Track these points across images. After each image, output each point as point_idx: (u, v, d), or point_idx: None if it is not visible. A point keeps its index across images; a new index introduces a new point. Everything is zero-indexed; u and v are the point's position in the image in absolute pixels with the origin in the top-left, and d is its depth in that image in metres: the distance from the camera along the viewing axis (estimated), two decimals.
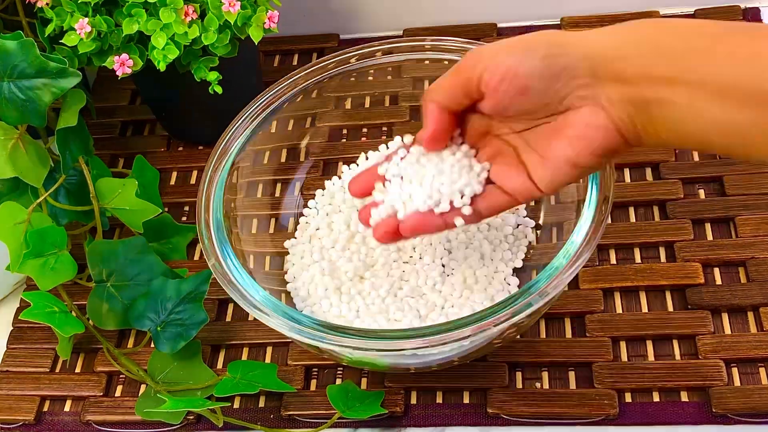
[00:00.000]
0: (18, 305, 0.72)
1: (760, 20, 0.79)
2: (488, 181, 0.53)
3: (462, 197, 0.52)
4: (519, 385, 0.61)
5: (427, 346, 0.50)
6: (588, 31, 0.46)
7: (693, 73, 0.42)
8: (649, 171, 0.70)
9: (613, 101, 0.45)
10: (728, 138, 0.42)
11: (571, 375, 0.60)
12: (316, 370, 0.64)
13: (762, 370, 0.59)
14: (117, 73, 0.65)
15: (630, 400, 0.59)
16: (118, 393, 0.65)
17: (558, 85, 0.46)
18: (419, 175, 0.53)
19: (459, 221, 0.52)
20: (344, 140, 0.72)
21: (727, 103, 0.41)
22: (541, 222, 0.65)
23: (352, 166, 0.70)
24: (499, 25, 0.85)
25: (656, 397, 0.59)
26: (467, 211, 0.52)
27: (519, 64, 0.46)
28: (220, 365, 0.65)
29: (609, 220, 0.62)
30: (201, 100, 0.73)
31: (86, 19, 0.64)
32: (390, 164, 0.55)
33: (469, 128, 0.53)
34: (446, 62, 0.65)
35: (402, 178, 0.54)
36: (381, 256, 0.63)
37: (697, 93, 0.42)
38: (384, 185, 0.55)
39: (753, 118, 0.41)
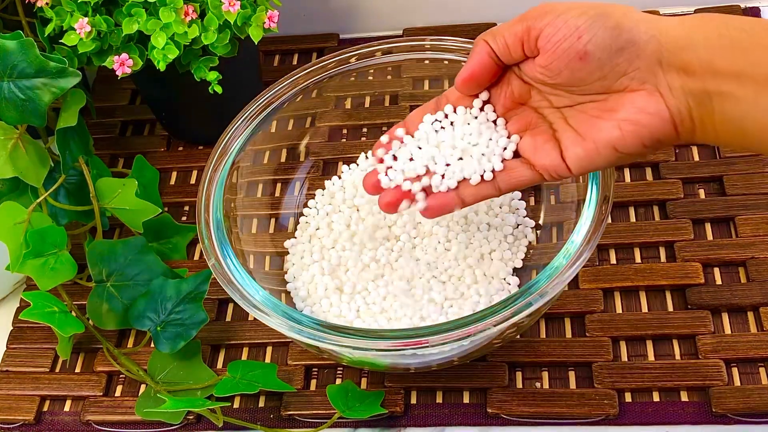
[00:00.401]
0: (18, 305, 0.72)
1: None
2: (515, 153, 0.51)
3: (483, 174, 0.51)
4: (519, 385, 0.61)
5: (427, 346, 0.50)
6: (658, 16, 0.45)
7: (761, 68, 0.41)
8: (649, 171, 0.70)
9: (673, 91, 0.44)
10: None
11: (571, 375, 0.60)
12: (316, 370, 0.64)
13: (762, 370, 0.59)
14: (117, 72, 0.65)
15: (630, 400, 0.59)
16: (118, 393, 0.65)
17: (619, 60, 0.44)
18: (440, 150, 0.52)
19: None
20: (344, 140, 0.72)
21: None
22: (541, 222, 0.65)
23: (352, 166, 0.70)
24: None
25: (656, 397, 0.59)
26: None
27: (587, 27, 0.44)
28: (220, 365, 0.65)
29: (609, 220, 0.62)
30: (201, 100, 0.73)
31: (86, 19, 0.64)
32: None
33: (506, 92, 0.51)
34: (446, 62, 0.65)
35: (420, 147, 0.53)
36: (381, 256, 0.63)
37: (763, 88, 0.41)
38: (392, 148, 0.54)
39: None
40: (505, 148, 0.51)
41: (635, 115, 0.45)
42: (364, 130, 0.73)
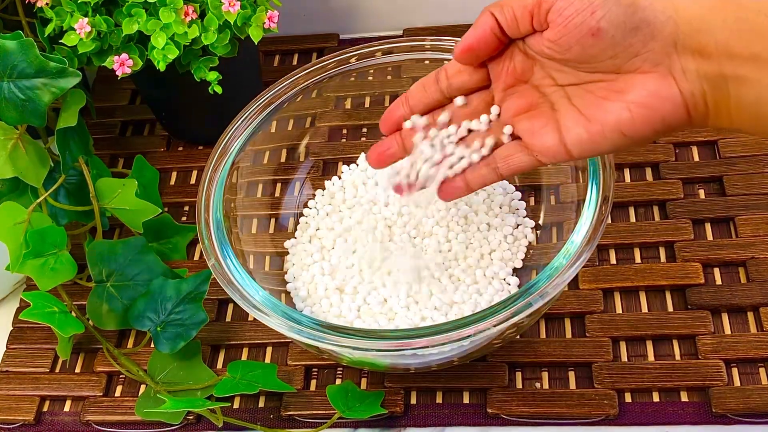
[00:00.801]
0: (18, 305, 0.72)
1: None
2: (513, 136, 0.50)
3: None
4: (519, 385, 0.61)
5: (427, 346, 0.50)
6: None
7: None
8: (649, 171, 0.70)
9: (687, 74, 0.43)
10: None
11: (571, 375, 0.60)
12: (316, 370, 0.64)
13: (762, 370, 0.59)
14: (117, 73, 0.65)
15: (630, 400, 0.59)
16: (118, 393, 0.65)
17: (633, 40, 0.43)
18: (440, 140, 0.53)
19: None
20: (344, 140, 0.72)
21: None
22: (541, 222, 0.65)
23: (352, 166, 0.70)
24: None
25: (656, 397, 0.59)
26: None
27: (601, 3, 0.42)
28: (220, 365, 0.65)
29: (609, 220, 0.62)
30: (201, 100, 0.73)
31: (86, 19, 0.64)
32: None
33: (508, 67, 0.49)
34: (446, 62, 0.64)
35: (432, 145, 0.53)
36: (381, 256, 0.63)
37: None
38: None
39: None
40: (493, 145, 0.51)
41: (646, 98, 0.43)
42: (364, 130, 0.72)
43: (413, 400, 0.61)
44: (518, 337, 0.62)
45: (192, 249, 0.72)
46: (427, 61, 0.66)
